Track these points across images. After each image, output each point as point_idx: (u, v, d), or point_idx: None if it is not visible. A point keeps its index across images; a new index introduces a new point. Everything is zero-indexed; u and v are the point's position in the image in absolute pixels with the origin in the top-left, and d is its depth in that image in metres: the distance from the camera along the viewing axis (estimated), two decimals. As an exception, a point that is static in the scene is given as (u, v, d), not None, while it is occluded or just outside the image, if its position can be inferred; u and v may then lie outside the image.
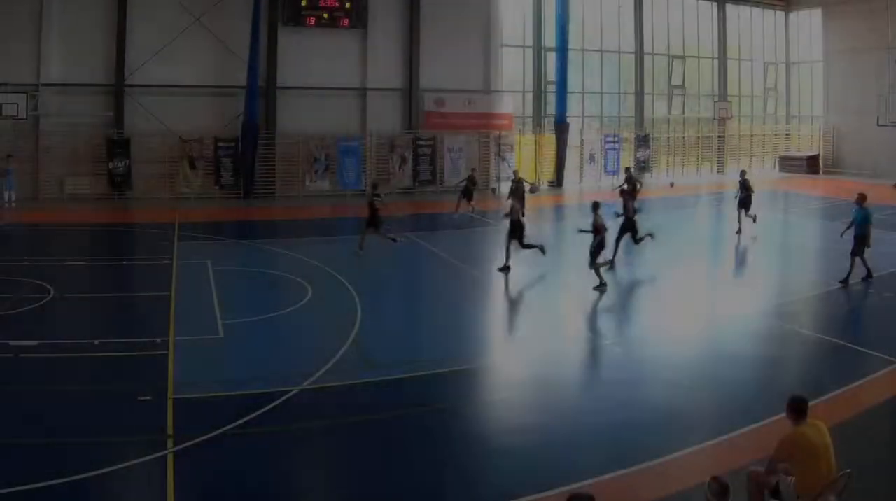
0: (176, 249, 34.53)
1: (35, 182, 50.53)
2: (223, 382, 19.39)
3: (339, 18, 56.24)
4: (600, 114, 70.18)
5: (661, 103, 72.08)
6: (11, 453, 15.10)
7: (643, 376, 20.37)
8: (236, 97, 53.53)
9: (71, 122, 51.15)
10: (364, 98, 58.39)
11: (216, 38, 53.45)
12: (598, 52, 67.95)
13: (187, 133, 52.37)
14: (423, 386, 19.49)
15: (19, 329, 23.07)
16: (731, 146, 73.74)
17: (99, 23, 51.48)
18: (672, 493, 13.98)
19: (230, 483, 14.55)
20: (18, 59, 49.85)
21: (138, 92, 52.11)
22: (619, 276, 31.72)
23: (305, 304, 26.76)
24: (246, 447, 15.91)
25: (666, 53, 71.17)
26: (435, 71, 59.49)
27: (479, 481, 14.74)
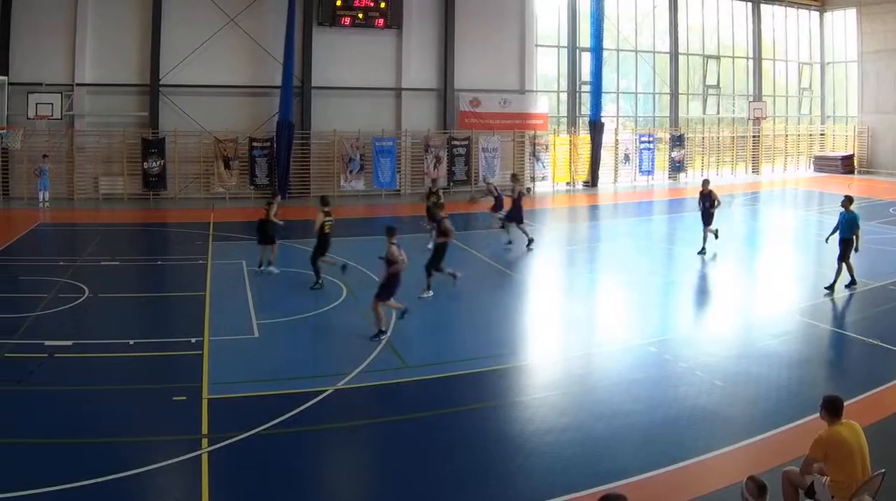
0: (210, 249, 34.18)
1: (70, 182, 49.84)
2: (258, 382, 19.16)
3: (375, 18, 55.14)
4: (635, 114, 69.07)
5: (695, 103, 70.88)
6: (46, 453, 14.94)
7: (677, 376, 19.94)
8: (271, 97, 52.89)
9: (105, 122, 50.65)
10: (399, 98, 57.36)
11: (251, 38, 52.70)
12: (633, 52, 66.70)
13: (222, 133, 51.61)
14: (458, 386, 19.22)
15: (54, 329, 22.81)
16: (765, 146, 72.16)
17: (134, 23, 50.86)
18: (707, 493, 13.76)
19: (264, 482, 14.29)
20: (53, 60, 49.35)
21: (173, 92, 51.40)
22: (645, 278, 30.99)
23: (340, 304, 26.36)
24: (280, 447, 15.66)
25: (701, 53, 69.86)
26: (470, 71, 58.63)
27: (514, 481, 14.48)
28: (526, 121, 60.53)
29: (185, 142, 51.51)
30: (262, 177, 52.76)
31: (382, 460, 15.59)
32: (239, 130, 52.54)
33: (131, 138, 50.64)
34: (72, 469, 14.23)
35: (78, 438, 15.69)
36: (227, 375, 19.38)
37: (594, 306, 28.42)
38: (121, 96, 50.95)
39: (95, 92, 50.41)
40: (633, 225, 46.58)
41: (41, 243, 37.11)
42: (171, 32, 51.14)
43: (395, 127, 56.99)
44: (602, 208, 54.42)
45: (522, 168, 59.56)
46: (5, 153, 48.43)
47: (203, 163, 51.93)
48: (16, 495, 13.21)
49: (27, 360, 20.15)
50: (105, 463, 14.36)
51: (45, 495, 13.25)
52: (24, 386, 18.59)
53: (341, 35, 54.93)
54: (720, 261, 33.73)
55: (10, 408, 17.37)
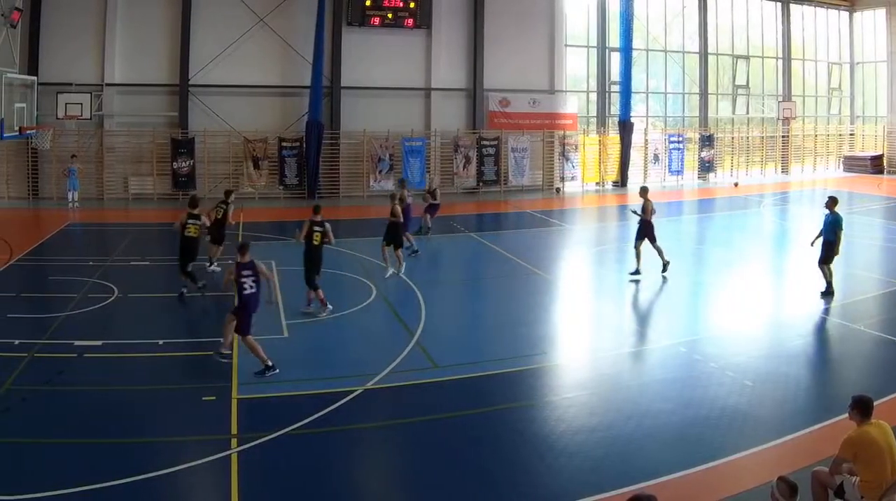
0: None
1: (99, 182, 49.27)
2: (287, 382, 18.92)
3: (404, 18, 54.27)
4: (664, 114, 67.86)
5: (725, 103, 69.33)
6: (77, 453, 14.83)
7: (707, 376, 19.58)
8: (300, 97, 52.23)
9: (135, 122, 50.09)
10: (428, 98, 56.38)
11: (280, 37, 52.00)
12: (663, 52, 65.26)
13: (251, 133, 50.94)
14: (488, 386, 18.98)
15: (84, 329, 22.53)
16: (794, 146, 70.65)
17: (163, 23, 50.32)
18: (737, 493, 13.57)
19: (294, 482, 14.12)
20: (83, 60, 48.88)
21: (202, 92, 50.76)
22: (675, 278, 30.16)
23: (370, 304, 26.01)
24: (309, 447, 15.49)
25: (730, 53, 68.43)
26: (499, 71, 57.58)
27: (544, 481, 14.27)
28: (555, 121, 59.38)
29: (214, 142, 50.87)
30: (291, 177, 52.12)
31: (412, 460, 15.42)
32: (268, 130, 51.83)
33: (161, 138, 50.07)
34: (101, 469, 14.06)
35: (107, 438, 15.52)
36: (256, 375, 19.12)
37: (624, 306, 27.87)
38: (150, 96, 50.38)
39: (125, 92, 49.85)
40: (662, 225, 42.62)
41: (71, 243, 36.50)
42: (200, 32, 50.57)
43: (424, 127, 56.09)
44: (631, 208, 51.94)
45: (552, 168, 58.91)
46: (35, 153, 47.88)
47: (232, 163, 51.23)
48: (46, 495, 13.06)
49: (57, 360, 19.90)
50: (135, 463, 14.23)
51: (74, 495, 13.10)
52: (54, 386, 18.31)
53: (371, 35, 54.07)
54: (749, 262, 33.01)
55: (40, 408, 17.11)
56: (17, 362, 19.57)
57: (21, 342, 20.94)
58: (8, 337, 21.29)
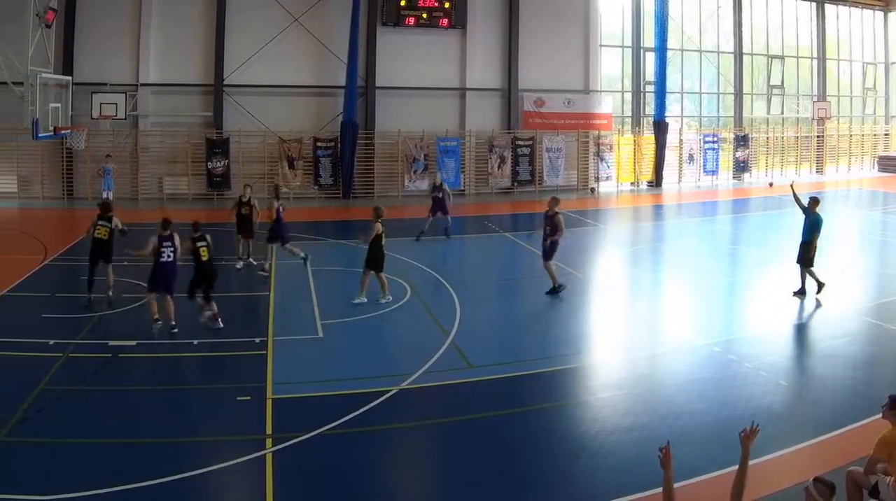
0: (274, 249, 32.50)
1: (134, 182, 48.46)
2: (322, 382, 18.69)
3: (439, 18, 53.08)
4: (699, 114, 66.35)
5: (759, 103, 67.64)
6: (111, 453, 14.67)
7: (741, 376, 19.28)
8: (335, 97, 51.21)
9: (170, 122, 49.35)
10: (463, 98, 55.09)
11: (315, 38, 50.98)
12: (697, 52, 63.73)
13: (286, 133, 49.98)
14: (522, 386, 18.72)
15: (118, 329, 22.45)
16: (829, 146, 68.93)
17: (198, 23, 49.51)
18: (771, 493, 13.36)
19: (328, 482, 13.93)
20: (117, 59, 48.18)
21: (237, 92, 49.82)
22: (710, 278, 30.03)
23: (405, 304, 25.54)
24: (344, 447, 15.24)
25: (765, 53, 66.74)
26: (534, 71, 56.24)
27: (578, 481, 14.16)
28: (590, 121, 58.02)
29: (249, 142, 49.99)
30: (326, 178, 51.09)
31: (446, 460, 15.22)
32: (303, 130, 50.87)
33: (195, 138, 49.23)
34: (136, 469, 13.89)
35: (142, 438, 15.32)
36: (291, 375, 18.90)
37: (658, 306, 27.30)
38: (185, 96, 49.61)
39: (159, 92, 49.03)
40: (697, 225, 44.94)
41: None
42: (235, 32, 49.71)
43: (459, 127, 54.86)
44: (666, 208, 52.69)
45: (587, 168, 57.56)
46: (69, 153, 47.15)
47: (267, 163, 50.35)
48: (81, 495, 12.89)
49: (91, 360, 19.63)
50: (169, 463, 14.08)
51: (109, 495, 12.94)
52: (88, 386, 18.03)
53: (405, 35, 53.00)
54: (784, 262, 31.08)
55: (74, 408, 16.81)
56: (52, 362, 19.24)
57: (55, 342, 20.60)
58: (42, 337, 20.95)
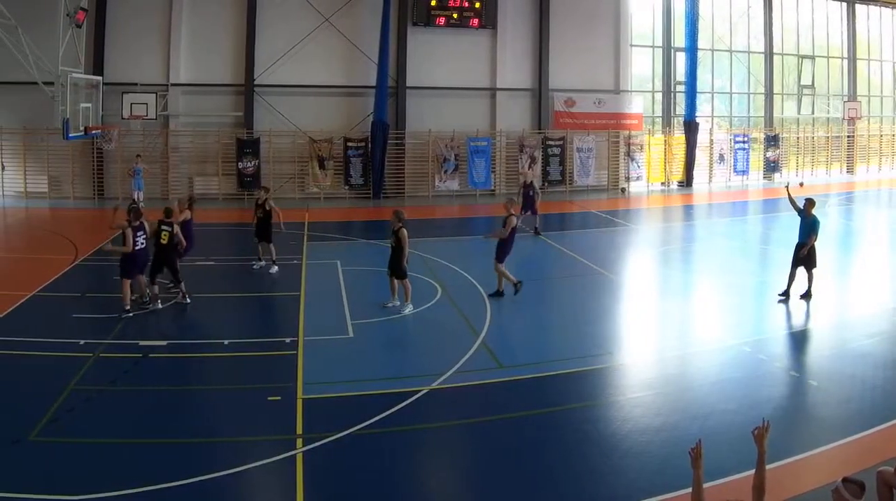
0: (305, 249, 32.88)
1: (164, 182, 47.50)
2: (352, 382, 18.32)
3: (469, 18, 51.83)
4: (730, 114, 64.56)
5: (790, 103, 65.91)
6: (142, 453, 14.41)
7: (771, 376, 18.97)
8: (365, 97, 50.14)
9: (200, 122, 48.51)
10: (493, 98, 53.74)
11: (346, 38, 49.81)
12: (728, 52, 62.20)
13: (317, 133, 48.86)
14: (553, 386, 18.30)
15: (149, 329, 22.22)
16: (860, 146, 67.23)
17: (228, 23, 48.60)
18: (801, 493, 13.18)
19: (359, 483, 13.65)
20: (148, 60, 47.45)
21: (267, 91, 48.82)
22: (740, 278, 29.43)
23: (435, 304, 24.95)
24: (374, 447, 14.96)
25: (795, 53, 65.01)
26: (564, 71, 54.78)
27: (609, 481, 13.86)
28: (620, 121, 56.71)
29: (279, 142, 49.06)
30: (356, 178, 49.89)
31: (477, 461, 14.81)
32: (333, 130, 49.69)
33: (226, 138, 48.32)
34: (166, 469, 13.61)
35: (173, 438, 15.10)
36: (321, 375, 18.52)
37: (688, 306, 26.56)
38: (215, 96, 48.66)
39: (190, 92, 48.10)
40: (727, 225, 43.90)
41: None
42: (265, 32, 48.77)
43: (489, 127, 53.50)
44: (696, 208, 51.56)
45: (617, 168, 56.11)
46: (100, 153, 46.35)
47: (298, 163, 49.46)
48: (111, 495, 12.65)
49: (122, 360, 19.34)
50: (200, 463, 13.85)
51: (139, 495, 12.70)
52: (119, 386, 17.75)
53: (436, 35, 51.83)
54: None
55: (105, 408, 16.54)
56: (83, 362, 18.89)
57: (86, 342, 20.22)
58: (73, 337, 20.57)
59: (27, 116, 45.03)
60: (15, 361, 19.16)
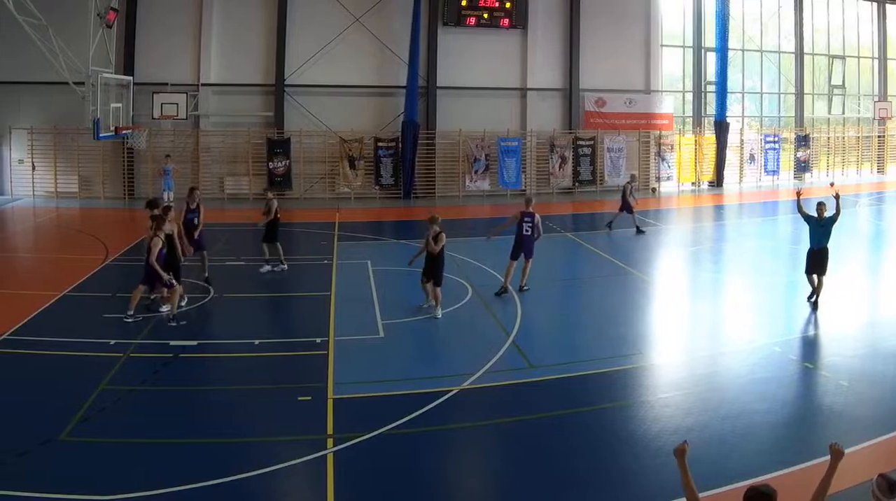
0: (336, 249, 32.51)
1: (195, 182, 44.64)
2: (383, 382, 18.13)
3: (500, 18, 50.61)
4: (760, 114, 62.88)
5: (820, 103, 63.95)
6: (172, 453, 14.25)
7: (802, 375, 18.95)
8: (396, 97, 49.06)
9: (230, 122, 47.61)
10: (524, 98, 52.32)
11: (376, 38, 48.62)
12: (758, 52, 60.52)
13: (347, 133, 47.69)
14: (583, 387, 18.06)
15: (179, 329, 21.68)
16: (891, 146, 65.00)
17: (259, 23, 47.64)
18: (834, 493, 11.20)
19: (389, 483, 13.39)
20: (178, 60, 46.65)
21: (298, 92, 47.71)
22: (770, 278, 29.04)
23: (465, 304, 24.60)
24: (405, 447, 14.78)
25: (826, 53, 63.06)
26: (595, 71, 53.38)
27: (639, 481, 13.60)
28: (651, 122, 55.38)
29: (310, 142, 48.07)
30: (387, 178, 48.82)
31: (507, 460, 14.61)
32: (364, 130, 48.58)
33: (256, 138, 47.37)
34: (196, 469, 13.48)
35: (203, 438, 14.94)
36: (352, 375, 18.29)
37: (718, 306, 26.14)
38: (246, 96, 47.76)
39: (220, 92, 47.15)
40: (758, 225, 43.21)
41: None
42: (296, 32, 47.76)
43: (520, 127, 52.06)
44: (727, 208, 50.42)
45: (648, 168, 54.66)
46: (130, 153, 45.44)
47: (328, 163, 48.45)
48: (142, 495, 12.56)
49: (152, 360, 19.17)
50: (231, 463, 13.68)
51: (171, 495, 12.57)
52: (149, 386, 17.58)
53: (466, 35, 50.59)
54: (844, 262, 30.26)
55: (136, 408, 16.39)
56: (113, 362, 18.71)
57: (117, 342, 20.02)
58: (104, 337, 20.36)
59: (58, 116, 44.26)
60: (45, 361, 18.86)
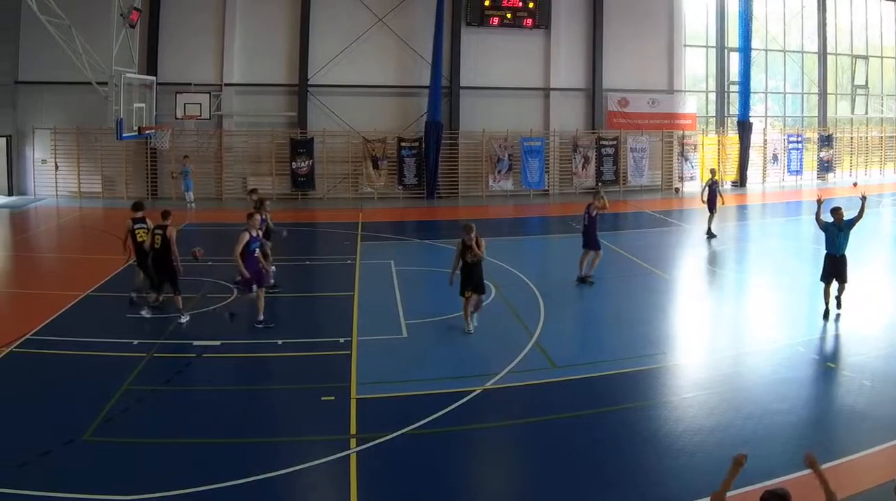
0: (359, 249, 32.17)
1: (218, 182, 45.90)
2: (406, 382, 17.91)
3: (523, 18, 49.77)
4: (783, 114, 61.51)
5: (844, 103, 62.53)
6: (195, 453, 14.10)
7: (825, 376, 18.69)
8: (419, 97, 48.22)
9: (254, 122, 46.89)
10: (547, 98, 51.28)
11: (399, 38, 47.82)
12: (781, 52, 59.20)
13: (370, 133, 46.91)
14: (606, 386, 17.83)
15: (202, 329, 21.51)
16: (914, 147, 63.04)
17: (282, 23, 46.96)
18: (857, 493, 12.63)
19: (412, 483, 13.18)
20: (202, 60, 46.07)
21: (321, 92, 46.95)
22: (793, 277, 28.37)
23: (489, 304, 23.69)
24: (428, 447, 14.55)
25: (849, 53, 61.64)
26: (618, 71, 52.41)
27: (663, 481, 13.34)
28: (674, 121, 54.30)
29: (333, 142, 47.20)
30: (410, 178, 47.99)
31: (531, 460, 14.42)
32: (387, 130, 47.76)
33: (279, 138, 46.64)
34: (220, 469, 13.28)
35: (227, 438, 14.75)
36: (375, 375, 18.07)
37: (742, 306, 25.81)
38: (269, 96, 47.08)
39: (243, 92, 46.41)
40: (781, 224, 42.60)
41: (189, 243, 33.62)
42: (319, 32, 46.98)
43: (543, 127, 51.02)
44: (750, 208, 49.43)
45: (671, 168, 53.54)
46: (154, 153, 44.71)
47: (351, 163, 47.65)
48: (166, 495, 12.35)
49: (175, 360, 19.02)
50: (254, 463, 13.45)
51: (194, 494, 12.37)
52: (173, 386, 17.43)
53: (489, 35, 49.70)
54: (867, 262, 30.34)
55: (158, 408, 16.22)
56: (136, 362, 18.53)
57: (140, 342, 19.87)
58: (127, 337, 20.22)
59: (81, 116, 43.69)
60: (69, 361, 18.66)
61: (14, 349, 19.31)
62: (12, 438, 14.26)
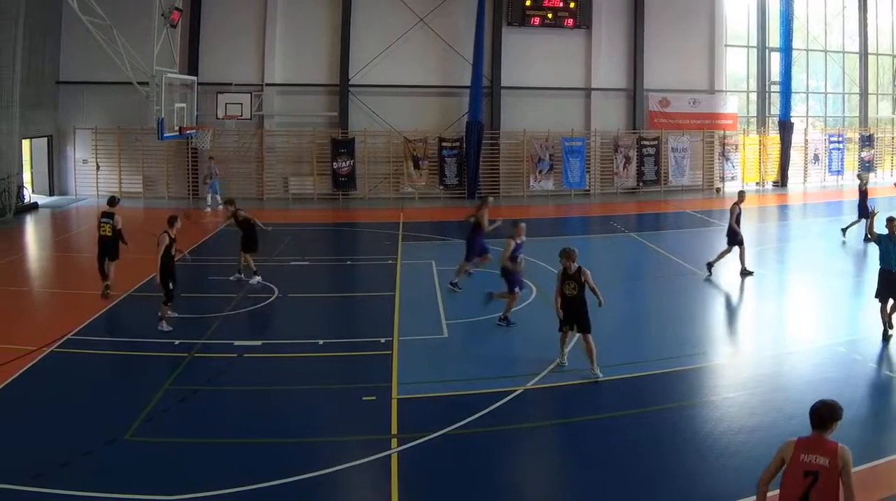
0: (400, 249, 31.53)
1: (259, 182, 44.67)
2: (447, 382, 17.46)
3: (564, 18, 48.05)
4: (824, 114, 59.21)
5: (885, 103, 59.89)
6: (236, 453, 13.76)
7: (866, 376, 17.86)
8: (460, 97, 46.56)
9: (295, 122, 45.54)
10: (588, 98, 49.51)
11: (440, 38, 46.14)
12: (822, 52, 56.89)
13: (411, 133, 45.37)
14: (647, 387, 17.21)
15: (244, 329, 21.50)
16: (955, 147, 59.87)
17: (323, 23, 45.58)
18: (893, 494, 12.35)
19: (453, 483, 12.85)
20: (243, 60, 44.96)
21: (362, 92, 45.45)
22: (834, 277, 27.77)
23: (531, 304, 23.29)
24: (469, 447, 14.10)
25: (890, 53, 58.98)
26: (659, 71, 50.57)
27: (705, 480, 12.99)
28: (715, 121, 52.31)
29: (374, 142, 45.79)
30: (451, 178, 46.30)
31: (572, 460, 14.00)
32: (428, 130, 46.13)
33: (321, 138, 45.18)
34: (262, 468, 12.90)
35: (268, 438, 14.29)
36: (416, 375, 17.61)
37: (783, 306, 24.98)
38: (310, 96, 45.68)
39: (284, 92, 45.06)
40: (822, 224, 40.81)
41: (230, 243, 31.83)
42: (360, 32, 45.40)
43: (584, 127, 49.24)
44: (791, 208, 47.66)
45: (712, 168, 51.51)
46: (195, 153, 43.46)
47: (392, 162, 46.17)
48: (206, 495, 12.10)
49: (217, 360, 18.63)
50: (295, 463, 13.10)
51: (236, 494, 12.10)
52: (214, 386, 17.00)
53: (530, 35, 48.05)
54: None
55: (200, 408, 15.78)
56: (178, 362, 18.26)
57: (181, 342, 19.52)
58: (168, 337, 19.94)
59: (122, 116, 42.54)
60: (109, 361, 18.57)
61: (55, 349, 18.83)
62: (54, 438, 13.87)
